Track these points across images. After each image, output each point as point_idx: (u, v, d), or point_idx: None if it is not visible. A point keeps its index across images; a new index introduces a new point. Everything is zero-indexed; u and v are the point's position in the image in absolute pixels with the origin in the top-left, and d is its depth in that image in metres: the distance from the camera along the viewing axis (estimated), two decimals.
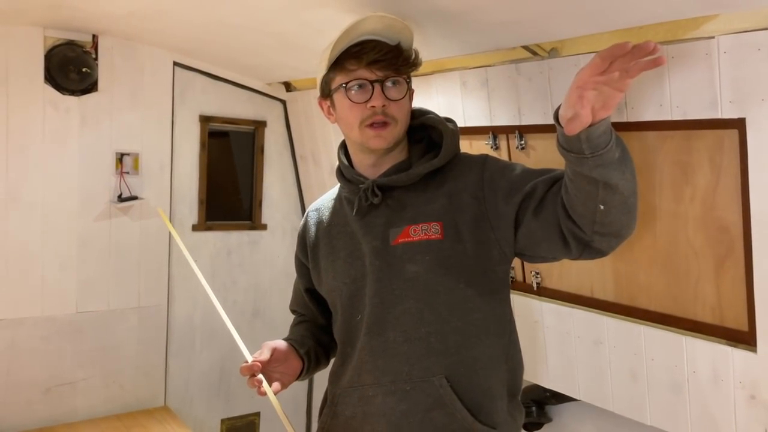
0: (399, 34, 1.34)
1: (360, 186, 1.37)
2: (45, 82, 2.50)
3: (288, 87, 2.96)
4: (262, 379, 1.33)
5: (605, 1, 1.29)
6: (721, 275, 1.45)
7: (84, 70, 2.53)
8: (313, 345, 1.50)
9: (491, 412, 1.30)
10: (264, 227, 3.11)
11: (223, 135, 3.07)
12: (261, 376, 1.33)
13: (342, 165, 1.43)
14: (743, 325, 1.42)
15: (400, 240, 1.32)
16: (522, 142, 1.82)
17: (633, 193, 1.14)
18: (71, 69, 2.51)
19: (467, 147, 1.98)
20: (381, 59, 1.30)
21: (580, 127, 1.03)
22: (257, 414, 3.12)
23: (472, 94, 1.93)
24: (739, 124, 1.31)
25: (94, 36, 2.57)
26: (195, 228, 2.90)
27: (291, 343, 1.46)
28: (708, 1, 1.22)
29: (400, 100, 1.32)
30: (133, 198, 2.68)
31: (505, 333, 1.37)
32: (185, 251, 1.63)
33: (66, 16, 2.34)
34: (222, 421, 3.05)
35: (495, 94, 1.85)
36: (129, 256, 2.73)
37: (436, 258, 1.29)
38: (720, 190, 1.41)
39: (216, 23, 2.16)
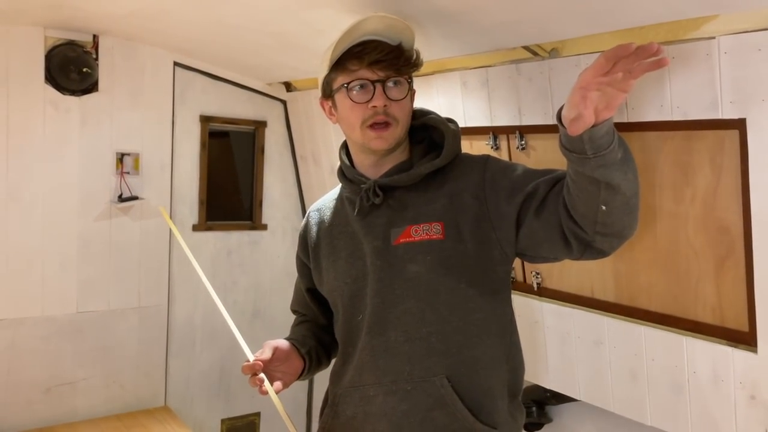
0: (400, 34, 1.34)
1: (361, 186, 1.37)
2: (45, 82, 2.50)
3: (288, 87, 2.96)
4: (263, 378, 1.33)
5: (606, 2, 1.29)
6: (722, 276, 1.45)
7: (84, 70, 2.54)
8: (315, 345, 1.50)
9: (492, 412, 1.30)
10: (264, 227, 3.11)
11: (224, 135, 3.07)
12: (263, 375, 1.33)
13: (343, 165, 1.43)
14: (743, 326, 1.42)
15: (401, 240, 1.32)
16: (522, 142, 1.82)
17: (635, 194, 1.14)
18: (72, 69, 2.51)
19: (467, 147, 1.98)
20: (382, 59, 1.30)
21: (583, 128, 1.03)
22: (257, 414, 3.12)
23: (472, 94, 1.93)
24: (740, 124, 1.31)
25: (94, 36, 2.57)
26: (195, 228, 2.90)
27: (292, 343, 1.46)
28: (708, 2, 1.22)
29: (401, 100, 1.33)
30: (134, 198, 2.68)
31: (506, 333, 1.37)
32: (187, 250, 1.63)
33: (66, 16, 2.34)
34: (222, 421, 3.05)
35: (495, 94, 1.85)
36: (129, 256, 2.73)
37: (437, 258, 1.30)
38: (720, 190, 1.41)
39: (216, 23, 2.16)
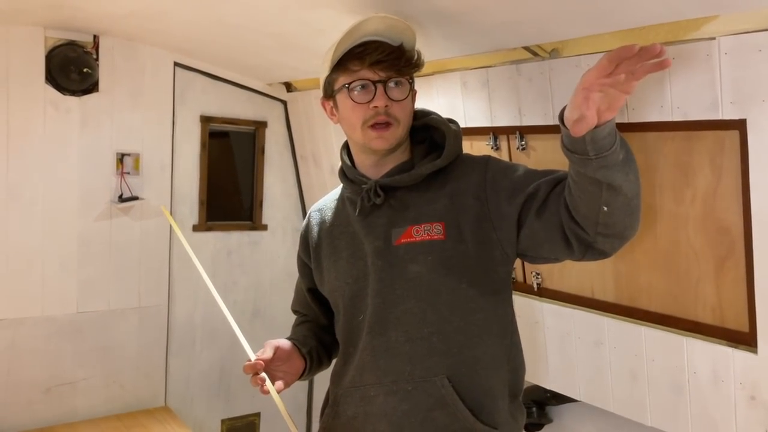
0: (401, 34, 1.35)
1: (362, 186, 1.37)
2: (46, 82, 2.50)
3: (288, 87, 2.96)
4: (265, 378, 1.33)
5: (606, 2, 1.30)
6: (722, 276, 1.45)
7: (85, 70, 2.54)
8: (316, 345, 1.51)
9: (493, 412, 1.30)
10: (264, 227, 3.11)
11: (224, 135, 3.07)
12: (264, 374, 1.33)
13: (345, 165, 1.43)
14: (744, 326, 1.42)
15: (402, 240, 1.32)
16: (522, 142, 1.82)
17: (636, 195, 1.14)
18: (72, 69, 2.51)
19: (468, 148, 1.98)
20: (384, 60, 1.30)
21: (586, 128, 1.03)
22: (257, 414, 3.12)
23: (472, 94, 1.94)
24: (740, 125, 1.31)
25: (95, 36, 2.57)
26: (195, 228, 2.90)
27: (294, 343, 1.46)
28: (708, 2, 1.22)
29: (402, 100, 1.33)
30: (134, 198, 2.68)
31: (507, 333, 1.37)
32: (188, 248, 1.63)
33: (67, 16, 2.34)
34: (222, 422, 3.05)
35: (496, 94, 1.85)
36: (129, 256, 2.73)
37: (438, 258, 1.30)
38: (721, 191, 1.41)
39: (217, 23, 2.16)
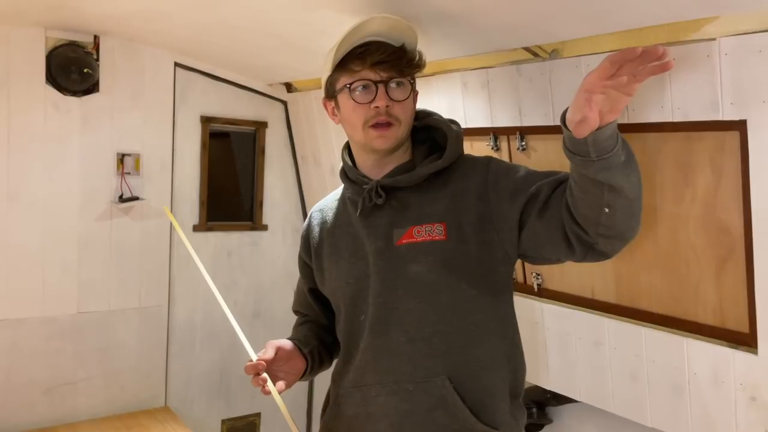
0: (403, 35, 1.35)
1: (364, 187, 1.37)
2: (46, 82, 2.50)
3: (289, 88, 2.96)
4: (266, 378, 1.33)
5: (606, 3, 1.30)
6: (722, 277, 1.45)
7: (85, 70, 2.54)
8: (317, 345, 1.50)
9: (493, 412, 1.31)
10: (265, 228, 3.11)
11: (224, 136, 3.07)
12: (266, 375, 1.33)
13: (346, 166, 1.43)
14: (744, 327, 1.42)
15: (403, 240, 1.32)
16: (523, 143, 1.82)
17: (638, 197, 1.14)
18: (72, 69, 2.51)
19: (468, 148, 1.96)
20: (385, 60, 1.30)
21: (588, 130, 1.03)
22: (258, 414, 3.12)
23: (473, 95, 1.94)
24: (740, 125, 1.31)
25: (95, 36, 2.57)
26: (196, 228, 2.91)
27: (295, 343, 1.46)
28: (709, 3, 1.22)
29: (403, 101, 1.33)
30: (134, 198, 2.68)
31: (508, 334, 1.37)
32: (190, 248, 1.62)
33: (67, 16, 2.34)
34: (222, 422, 3.05)
35: (496, 95, 1.85)
36: (130, 256, 2.73)
37: (439, 259, 1.30)
38: (721, 191, 1.41)
39: (217, 24, 2.16)
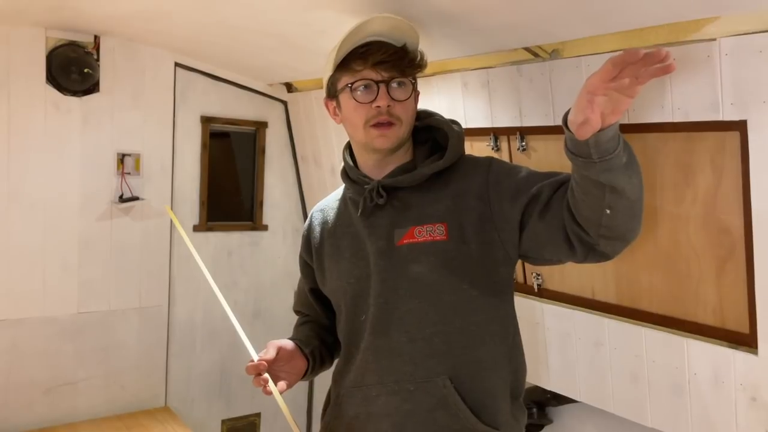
0: (405, 35, 1.35)
1: (365, 187, 1.37)
2: (47, 82, 2.50)
3: (289, 88, 2.97)
4: (268, 378, 1.32)
5: (607, 3, 1.30)
6: (723, 277, 1.45)
7: (85, 70, 2.54)
8: (318, 345, 1.50)
9: (494, 413, 1.31)
10: (265, 228, 3.11)
11: (225, 136, 3.07)
12: (267, 375, 1.33)
13: (347, 166, 1.43)
14: (744, 327, 1.42)
15: (404, 241, 1.32)
16: (523, 143, 1.82)
17: (639, 198, 1.14)
18: (73, 69, 2.51)
19: (468, 148, 1.96)
20: (387, 60, 1.30)
21: (591, 132, 1.04)
22: (258, 414, 3.12)
23: (473, 95, 1.94)
24: (741, 126, 1.32)
25: (95, 36, 2.57)
26: (196, 228, 2.91)
27: (296, 342, 1.46)
28: (709, 3, 1.22)
29: (405, 101, 1.33)
30: (135, 198, 2.68)
31: (509, 334, 1.37)
32: (191, 248, 1.62)
33: (68, 16, 2.34)
34: (223, 422, 3.05)
35: (496, 95, 1.85)
36: (130, 256, 2.73)
37: (440, 259, 1.30)
38: (721, 191, 1.41)
39: (217, 24, 2.16)
